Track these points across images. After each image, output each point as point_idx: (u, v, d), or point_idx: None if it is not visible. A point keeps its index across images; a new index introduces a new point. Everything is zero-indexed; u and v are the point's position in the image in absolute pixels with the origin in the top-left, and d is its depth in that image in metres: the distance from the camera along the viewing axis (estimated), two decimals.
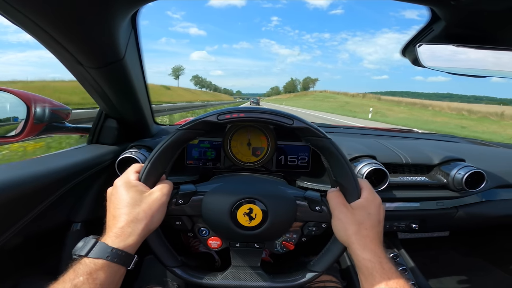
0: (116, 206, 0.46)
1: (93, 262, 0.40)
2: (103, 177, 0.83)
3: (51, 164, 0.67)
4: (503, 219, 1.04)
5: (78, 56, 0.57)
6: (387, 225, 0.93)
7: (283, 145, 0.93)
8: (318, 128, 0.51)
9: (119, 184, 0.49)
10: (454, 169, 0.87)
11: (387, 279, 0.43)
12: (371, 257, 0.45)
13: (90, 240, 0.42)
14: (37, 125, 0.72)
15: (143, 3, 0.53)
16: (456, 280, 1.24)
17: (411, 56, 0.69)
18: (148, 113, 0.94)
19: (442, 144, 1.23)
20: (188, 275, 0.54)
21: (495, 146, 1.35)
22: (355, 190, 0.52)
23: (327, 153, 0.52)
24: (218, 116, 0.50)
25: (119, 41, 0.57)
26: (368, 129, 1.66)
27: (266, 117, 0.50)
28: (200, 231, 0.56)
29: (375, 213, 0.50)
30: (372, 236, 0.48)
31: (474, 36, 0.61)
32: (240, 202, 0.53)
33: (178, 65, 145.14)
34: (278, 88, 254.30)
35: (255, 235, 0.53)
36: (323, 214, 0.54)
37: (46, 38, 0.50)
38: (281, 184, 0.68)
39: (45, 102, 0.75)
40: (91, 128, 0.91)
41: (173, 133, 0.50)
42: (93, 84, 0.69)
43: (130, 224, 0.44)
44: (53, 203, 0.66)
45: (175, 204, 0.53)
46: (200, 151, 0.94)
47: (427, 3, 0.54)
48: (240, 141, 0.89)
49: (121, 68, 0.65)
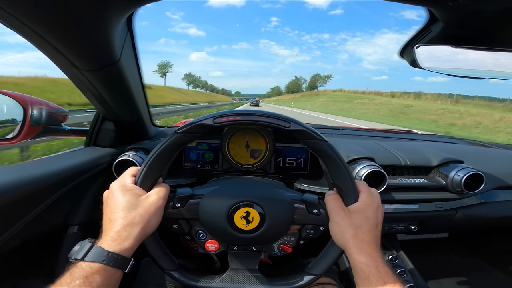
0: (112, 210, 0.46)
1: (89, 265, 0.40)
2: (100, 179, 0.82)
3: (48, 167, 0.67)
4: (502, 221, 1.03)
5: (73, 59, 0.56)
6: (386, 227, 0.93)
7: (281, 147, 0.93)
8: (315, 130, 0.50)
9: (115, 187, 0.49)
10: (453, 171, 0.87)
11: (383, 283, 0.43)
12: (367, 261, 0.45)
13: (86, 244, 0.42)
14: (33, 128, 0.72)
15: (138, 5, 0.53)
16: (455, 281, 1.24)
17: (409, 57, 0.69)
18: (145, 115, 0.93)
19: (440, 145, 1.23)
20: (185, 278, 0.53)
21: (494, 147, 1.35)
22: (353, 192, 0.51)
23: (325, 156, 0.52)
24: (215, 119, 0.49)
25: (114, 43, 0.57)
26: (367, 130, 1.66)
27: (262, 120, 0.50)
28: (198, 234, 0.56)
29: (372, 216, 0.49)
30: (369, 240, 0.47)
31: (472, 37, 0.61)
32: (237, 206, 0.52)
33: (165, 61, 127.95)
34: (279, 88, 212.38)
35: (252, 238, 0.53)
36: (320, 217, 0.54)
37: (40, 41, 0.49)
38: (279, 186, 0.68)
39: (42, 104, 0.74)
40: (88, 130, 0.90)
41: (169, 137, 0.50)
42: (89, 87, 0.69)
43: (126, 228, 0.44)
44: (50, 206, 0.66)
45: (172, 207, 0.53)
46: (198, 153, 0.94)
47: (425, 4, 0.54)
48: (238, 143, 0.89)
49: (117, 70, 0.65)
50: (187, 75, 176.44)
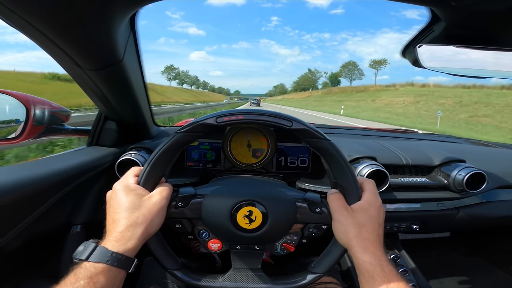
0: (116, 210, 0.46)
1: (94, 266, 0.40)
2: (102, 179, 0.82)
3: (51, 167, 0.67)
4: (503, 220, 1.03)
5: (76, 58, 0.56)
6: (387, 226, 0.93)
7: (283, 147, 0.93)
8: (317, 129, 0.51)
9: (118, 188, 0.49)
10: (455, 170, 0.87)
11: (388, 282, 0.43)
12: (371, 260, 0.45)
13: (90, 244, 0.43)
14: (36, 127, 0.72)
15: (141, 5, 0.53)
16: (457, 280, 1.24)
17: (411, 57, 0.69)
18: (148, 115, 0.94)
19: (442, 144, 1.23)
20: (188, 277, 0.53)
21: (496, 146, 1.35)
22: (355, 191, 0.51)
23: (327, 155, 0.52)
24: (217, 119, 0.49)
25: (117, 43, 0.57)
26: (368, 130, 1.66)
27: (264, 119, 0.50)
28: (200, 233, 0.56)
29: (375, 215, 0.49)
30: (373, 238, 0.47)
31: (474, 36, 0.61)
32: (239, 205, 0.52)
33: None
34: (283, 86, 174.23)
35: (255, 237, 0.53)
36: (323, 215, 0.54)
37: (43, 40, 0.50)
38: (281, 186, 0.68)
39: (44, 104, 0.74)
40: (90, 130, 0.91)
41: (171, 136, 0.50)
42: (91, 86, 0.69)
43: (129, 228, 0.44)
44: (53, 206, 0.66)
45: (175, 207, 0.53)
46: (200, 153, 0.94)
47: (428, 4, 0.54)
48: (240, 142, 0.89)
49: (120, 70, 0.65)
50: (168, 68, 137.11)
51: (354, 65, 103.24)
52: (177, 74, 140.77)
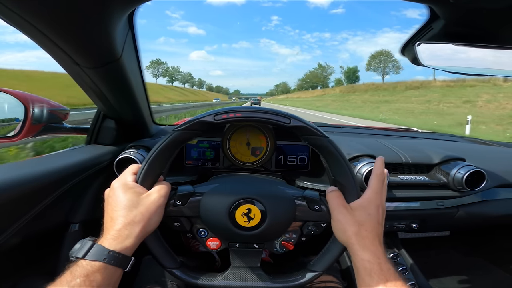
0: (114, 208, 0.46)
1: (90, 264, 0.40)
2: (101, 177, 0.82)
3: (49, 165, 0.67)
4: (503, 219, 1.03)
5: (74, 56, 0.56)
6: (387, 225, 0.93)
7: (282, 145, 0.93)
8: (316, 127, 0.50)
9: (116, 186, 0.48)
10: (454, 169, 0.87)
11: (385, 280, 0.43)
12: (370, 258, 0.45)
13: (87, 242, 0.42)
14: (35, 126, 0.72)
15: (139, 2, 0.53)
16: (456, 279, 1.24)
17: (411, 55, 0.69)
18: (146, 113, 0.94)
19: (442, 143, 1.23)
20: (187, 276, 0.53)
21: (496, 145, 1.35)
22: (354, 189, 0.51)
23: (325, 152, 0.52)
24: (215, 116, 0.49)
25: (115, 41, 0.57)
26: (368, 128, 1.65)
27: (262, 116, 0.50)
28: (199, 232, 0.56)
29: (374, 214, 0.49)
30: (372, 237, 0.47)
31: (473, 34, 0.60)
32: (238, 203, 0.52)
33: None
34: (286, 84, 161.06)
35: (254, 235, 0.53)
36: (322, 213, 0.54)
37: (42, 39, 0.50)
38: (280, 183, 0.68)
39: (43, 102, 0.74)
40: (89, 128, 0.91)
41: (169, 134, 0.50)
42: (90, 84, 0.69)
43: (127, 227, 0.44)
44: (51, 204, 0.66)
45: (173, 205, 0.53)
46: (199, 151, 0.94)
47: (426, 2, 0.54)
48: (239, 140, 0.89)
49: (118, 68, 0.65)
50: (153, 63, 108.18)
51: (388, 55, 75.56)
52: (165, 70, 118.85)
